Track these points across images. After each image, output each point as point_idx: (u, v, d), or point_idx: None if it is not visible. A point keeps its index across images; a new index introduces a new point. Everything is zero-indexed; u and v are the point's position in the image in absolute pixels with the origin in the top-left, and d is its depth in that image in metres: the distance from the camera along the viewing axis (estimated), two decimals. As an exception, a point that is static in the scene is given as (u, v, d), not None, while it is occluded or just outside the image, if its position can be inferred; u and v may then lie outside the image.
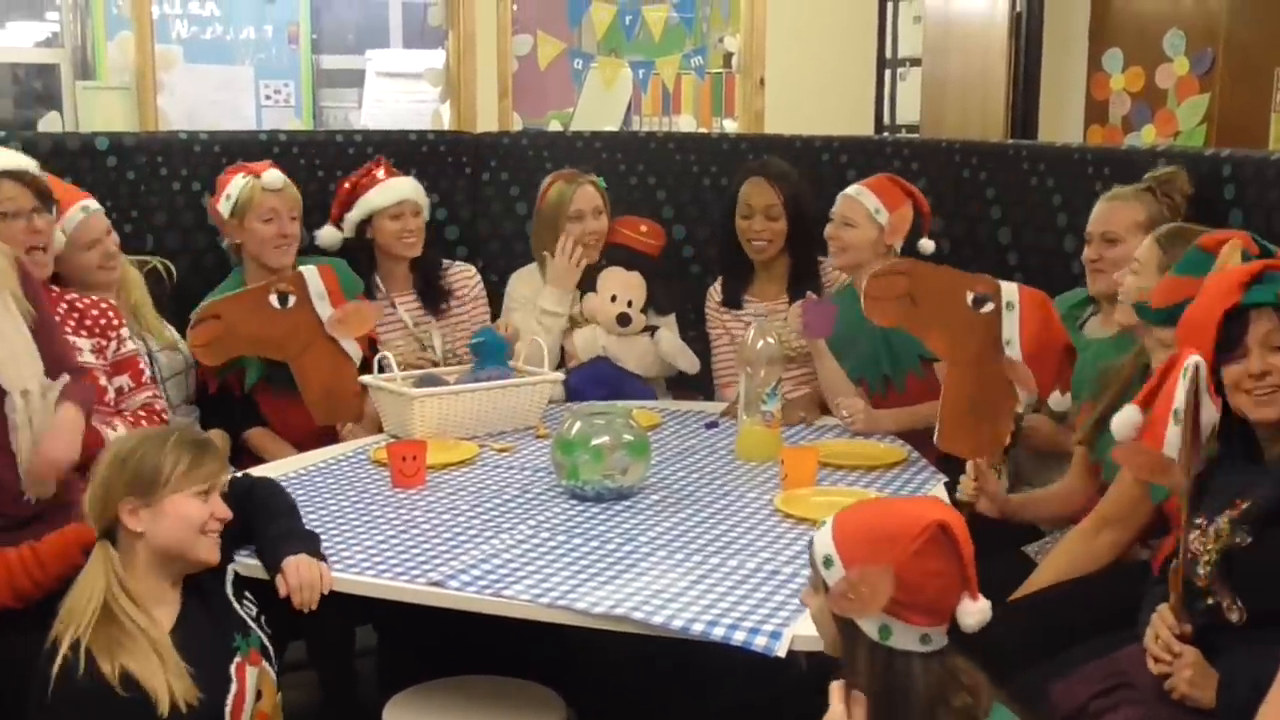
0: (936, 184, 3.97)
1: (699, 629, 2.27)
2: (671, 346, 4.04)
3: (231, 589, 2.54)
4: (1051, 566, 2.82)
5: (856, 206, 3.76)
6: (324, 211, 4.07)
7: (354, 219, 3.97)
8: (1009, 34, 5.43)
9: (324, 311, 3.45)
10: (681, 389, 4.19)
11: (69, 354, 3.02)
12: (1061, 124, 5.46)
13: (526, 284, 4.10)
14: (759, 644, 2.23)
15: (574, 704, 2.71)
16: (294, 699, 3.26)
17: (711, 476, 3.20)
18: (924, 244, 3.84)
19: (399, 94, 8.00)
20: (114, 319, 3.32)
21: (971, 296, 3.13)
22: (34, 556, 2.53)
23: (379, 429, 3.56)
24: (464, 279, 4.14)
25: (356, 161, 4.22)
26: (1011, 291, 3.13)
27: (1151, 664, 2.27)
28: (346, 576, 2.55)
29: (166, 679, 2.31)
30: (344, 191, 4.02)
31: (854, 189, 3.81)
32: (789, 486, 3.04)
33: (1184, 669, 2.21)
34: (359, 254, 3.97)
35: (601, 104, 6.39)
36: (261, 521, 2.64)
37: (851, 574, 1.89)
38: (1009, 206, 3.98)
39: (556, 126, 5.73)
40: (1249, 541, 2.18)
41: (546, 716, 2.66)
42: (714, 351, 4.15)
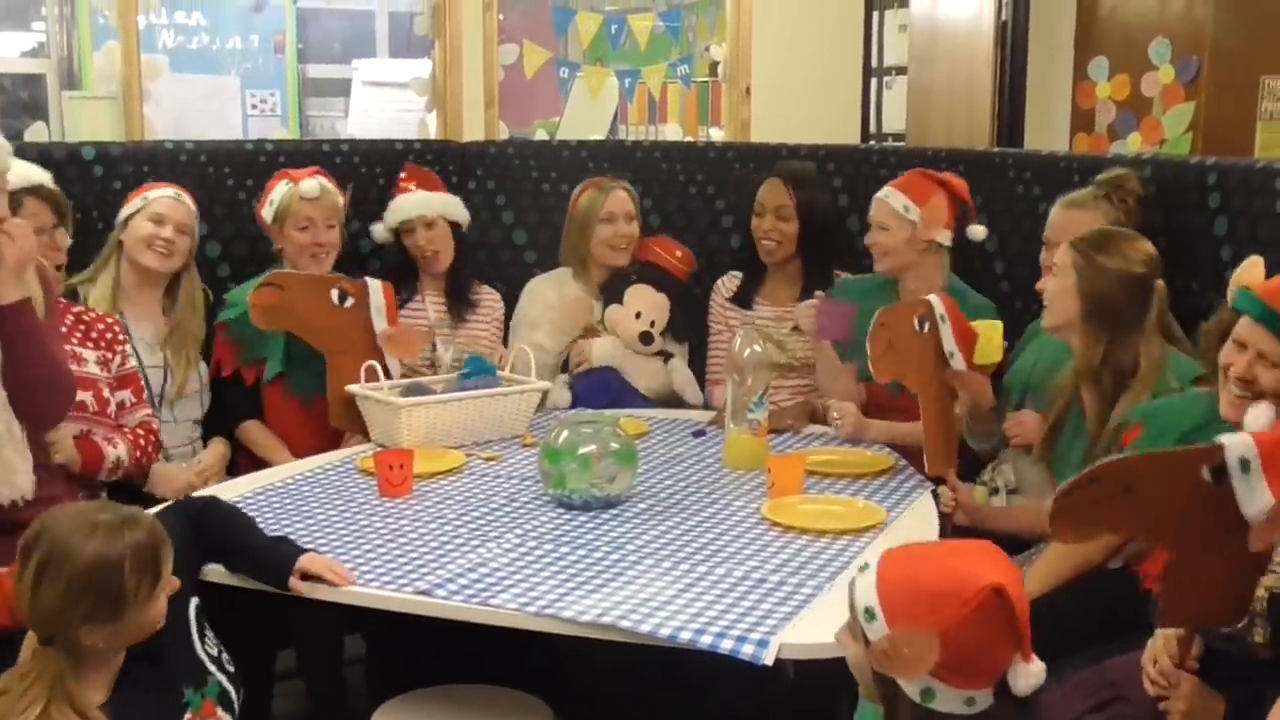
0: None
1: (686, 637, 2.27)
2: (683, 378, 4.09)
3: (195, 628, 2.43)
4: (1039, 574, 2.79)
5: (884, 208, 3.72)
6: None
7: (387, 224, 4.09)
8: (994, 42, 5.43)
9: (379, 325, 3.63)
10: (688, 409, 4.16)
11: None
12: (1047, 132, 5.47)
13: (539, 299, 4.14)
14: (746, 652, 2.22)
15: (561, 712, 2.71)
16: (283, 708, 3.27)
17: (698, 485, 3.21)
18: (974, 230, 3.75)
19: (385, 103, 7.99)
20: (119, 333, 3.37)
21: (915, 320, 3.16)
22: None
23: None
24: (490, 301, 4.19)
25: (343, 171, 4.21)
26: (939, 304, 3.16)
27: (1148, 685, 2.24)
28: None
29: None
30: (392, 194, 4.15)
31: (882, 191, 3.76)
32: (776, 494, 3.04)
33: (1179, 700, 2.18)
34: (402, 254, 4.08)
35: (588, 113, 6.39)
36: (239, 537, 2.62)
37: (895, 634, 1.78)
38: (995, 214, 3.98)
39: (543, 135, 5.74)
40: None
41: (534, 725, 2.65)
42: (710, 345, 4.17)
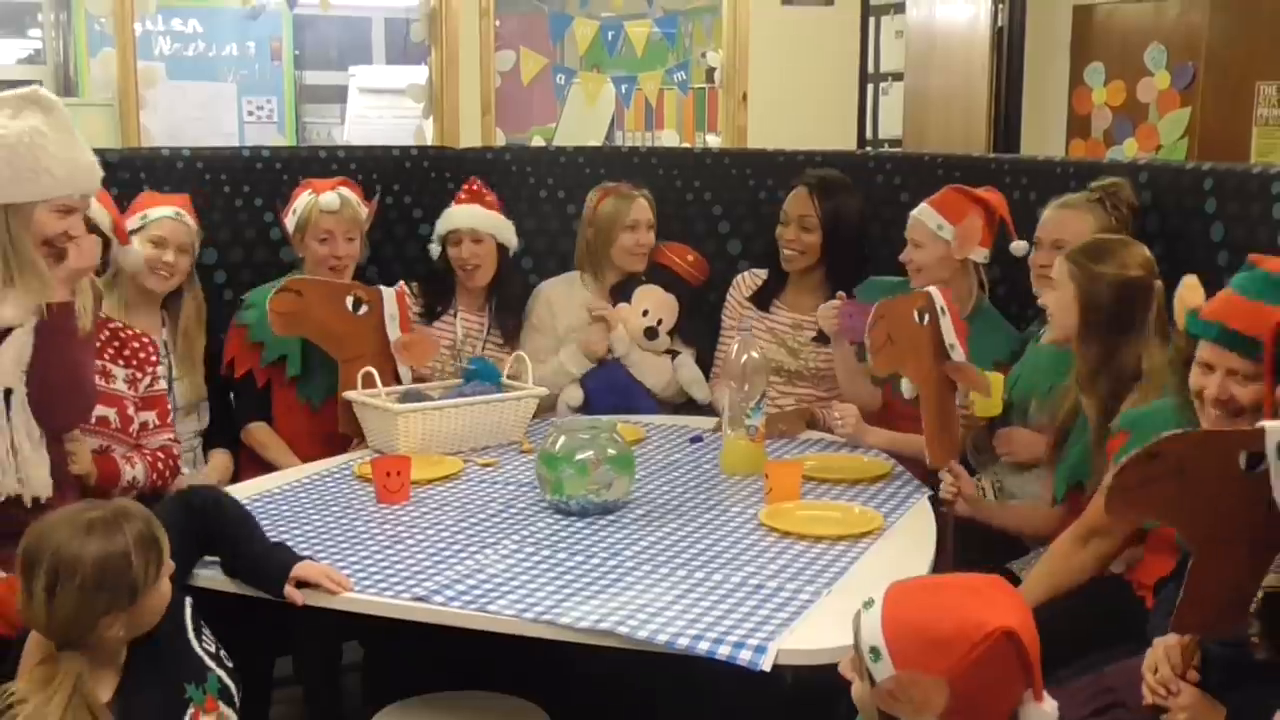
0: (919, 198, 3.96)
1: (684, 643, 2.27)
2: (690, 375, 4.14)
3: (191, 625, 2.43)
4: (1038, 579, 2.80)
5: (919, 226, 3.72)
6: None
7: (437, 231, 4.09)
8: (991, 48, 5.45)
9: (392, 333, 3.65)
10: (690, 414, 4.16)
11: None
12: (1043, 138, 5.48)
13: (548, 303, 4.15)
14: (744, 658, 2.22)
15: (559, 718, 2.70)
16: (280, 714, 3.26)
17: (696, 490, 3.20)
18: (1015, 246, 3.66)
19: (382, 110, 8.00)
20: (152, 354, 3.34)
21: (915, 312, 3.16)
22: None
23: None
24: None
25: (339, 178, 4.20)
26: (938, 296, 3.15)
27: (1147, 694, 2.23)
28: (331, 592, 2.55)
29: None
30: None
31: (918, 208, 3.76)
32: (773, 500, 3.04)
33: (1179, 711, 2.16)
34: (444, 265, 4.09)
35: (584, 119, 6.40)
36: (238, 541, 2.60)
37: (902, 677, 1.76)
38: (992, 220, 3.98)
39: (540, 142, 5.73)
40: None
41: (532, 732, 2.65)
42: (721, 339, 4.20)
